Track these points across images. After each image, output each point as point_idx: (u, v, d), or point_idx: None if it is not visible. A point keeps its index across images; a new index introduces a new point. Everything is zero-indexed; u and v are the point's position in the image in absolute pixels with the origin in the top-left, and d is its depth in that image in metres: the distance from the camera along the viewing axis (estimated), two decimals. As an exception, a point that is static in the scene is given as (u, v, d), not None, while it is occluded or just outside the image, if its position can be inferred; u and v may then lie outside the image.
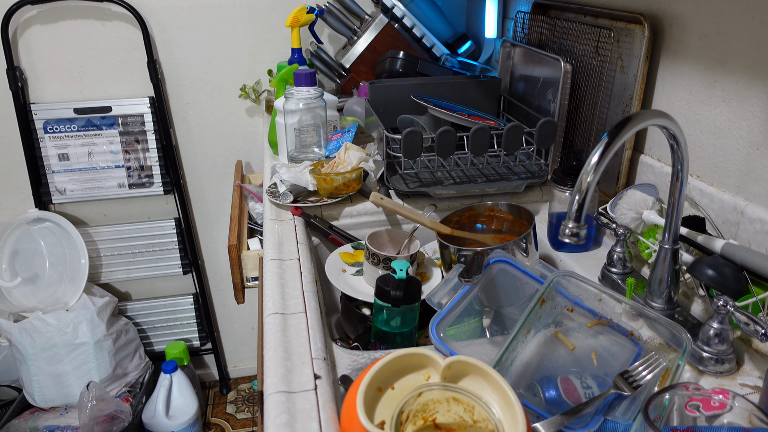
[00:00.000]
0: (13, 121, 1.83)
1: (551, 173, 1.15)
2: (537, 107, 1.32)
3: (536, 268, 0.85)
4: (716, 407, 0.58)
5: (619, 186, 1.11)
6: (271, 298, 0.88)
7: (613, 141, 0.67)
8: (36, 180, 1.90)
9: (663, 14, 1.01)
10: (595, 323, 0.78)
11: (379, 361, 0.62)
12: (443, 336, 0.79)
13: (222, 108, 1.99)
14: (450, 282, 0.87)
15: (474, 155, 1.17)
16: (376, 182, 1.29)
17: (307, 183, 1.20)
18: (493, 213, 1.07)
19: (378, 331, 0.91)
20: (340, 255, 1.12)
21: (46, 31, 1.78)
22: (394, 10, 1.62)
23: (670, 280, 0.83)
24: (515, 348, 0.74)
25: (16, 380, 1.96)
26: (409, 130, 1.12)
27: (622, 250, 0.95)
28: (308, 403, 0.68)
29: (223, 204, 2.13)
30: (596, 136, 1.19)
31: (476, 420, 0.61)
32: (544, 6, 1.42)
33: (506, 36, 1.71)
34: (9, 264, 1.81)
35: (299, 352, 0.77)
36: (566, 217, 0.68)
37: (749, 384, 0.74)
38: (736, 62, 0.85)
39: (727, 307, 0.71)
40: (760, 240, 0.80)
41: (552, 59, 1.22)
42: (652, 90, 1.05)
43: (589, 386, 0.72)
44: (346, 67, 1.70)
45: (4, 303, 1.80)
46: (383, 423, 0.59)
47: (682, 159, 0.75)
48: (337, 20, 1.73)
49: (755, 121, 0.82)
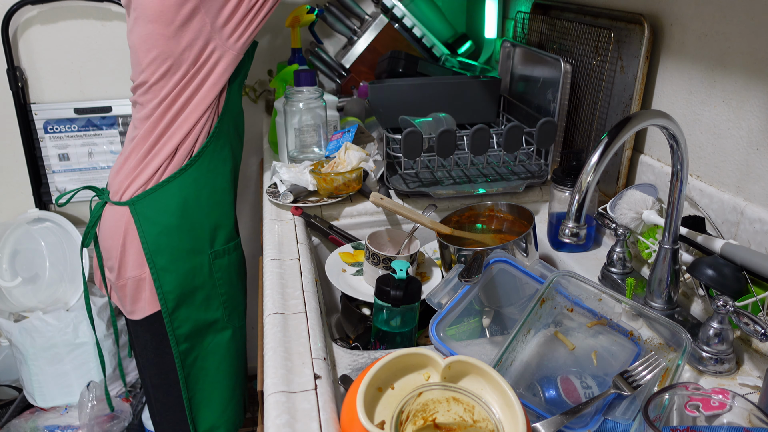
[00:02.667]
0: (14, 121, 1.83)
1: (551, 173, 1.15)
2: (537, 107, 1.32)
3: (536, 268, 0.85)
4: (716, 407, 0.59)
5: (619, 186, 1.11)
6: (271, 298, 0.88)
7: (613, 141, 0.67)
8: (36, 180, 1.90)
9: (663, 14, 1.01)
10: (595, 323, 0.78)
11: (379, 361, 0.62)
12: (443, 336, 0.79)
13: (222, 108, 1.98)
14: (450, 282, 0.87)
15: (474, 155, 1.18)
16: (376, 182, 1.29)
17: (307, 183, 1.20)
18: (493, 213, 1.07)
19: (378, 331, 0.91)
20: (340, 255, 1.12)
21: (47, 31, 1.78)
22: (394, 10, 1.62)
23: (670, 280, 0.83)
24: (515, 348, 0.74)
25: (16, 380, 1.96)
26: (409, 130, 1.12)
27: (622, 250, 0.95)
28: (308, 403, 0.68)
29: (223, 204, 2.13)
30: (596, 136, 1.19)
31: (476, 420, 0.62)
32: (544, 6, 1.42)
33: (506, 36, 1.71)
34: (9, 264, 1.81)
35: (299, 352, 0.77)
36: (566, 217, 0.68)
37: (749, 384, 0.74)
38: (736, 62, 0.85)
39: (726, 307, 0.72)
40: (759, 240, 0.80)
41: (552, 59, 1.22)
42: (652, 90, 1.06)
43: (589, 386, 0.72)
44: (346, 67, 1.70)
45: (5, 303, 1.80)
46: (383, 423, 0.59)
47: (681, 159, 0.75)
48: (337, 20, 1.73)
49: (755, 121, 0.82)
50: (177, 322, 1.28)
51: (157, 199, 1.22)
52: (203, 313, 1.31)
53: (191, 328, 1.30)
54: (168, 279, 1.24)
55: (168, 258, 1.24)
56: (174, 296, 1.26)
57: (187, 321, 1.29)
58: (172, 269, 1.24)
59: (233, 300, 1.36)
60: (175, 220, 1.23)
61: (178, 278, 1.25)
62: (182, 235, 1.24)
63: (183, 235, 1.24)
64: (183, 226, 1.24)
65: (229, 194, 1.33)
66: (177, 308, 1.27)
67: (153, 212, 1.22)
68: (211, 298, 1.31)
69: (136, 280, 1.25)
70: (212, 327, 1.33)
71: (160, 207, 1.22)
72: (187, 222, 1.24)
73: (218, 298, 1.32)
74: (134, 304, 1.28)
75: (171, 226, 1.23)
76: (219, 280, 1.31)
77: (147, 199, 1.21)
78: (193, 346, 1.32)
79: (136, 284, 1.26)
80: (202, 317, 1.31)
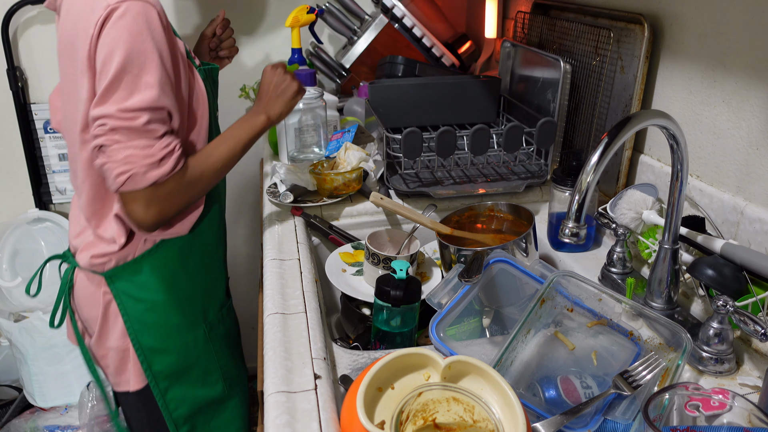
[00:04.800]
0: (14, 121, 1.83)
1: (551, 173, 1.15)
2: (537, 107, 1.32)
3: (536, 268, 0.85)
4: (716, 407, 0.58)
5: (619, 186, 1.11)
6: (271, 298, 0.88)
7: (613, 141, 0.67)
8: (36, 180, 1.90)
9: (663, 14, 1.01)
10: (595, 323, 0.78)
11: (379, 361, 0.62)
12: (443, 336, 0.79)
13: (222, 108, 1.98)
14: (450, 282, 0.87)
15: (474, 155, 1.18)
16: (376, 182, 1.29)
17: (307, 183, 1.20)
18: (493, 213, 1.07)
19: (378, 331, 0.91)
20: (340, 255, 1.12)
21: (47, 31, 1.78)
22: (394, 10, 1.62)
23: (669, 280, 0.83)
24: (515, 348, 0.74)
25: (16, 380, 1.96)
26: (409, 130, 1.12)
27: (622, 250, 0.95)
28: (308, 403, 0.68)
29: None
30: (596, 136, 1.19)
31: (476, 420, 0.62)
32: (544, 6, 1.42)
33: (506, 36, 1.71)
34: (9, 264, 1.81)
35: (299, 352, 0.77)
36: (566, 217, 0.68)
37: (749, 384, 0.74)
38: (736, 62, 0.85)
39: (726, 307, 0.72)
40: (759, 240, 0.80)
41: (552, 59, 1.22)
42: (651, 90, 1.06)
43: (589, 386, 0.72)
44: (346, 67, 1.70)
45: (5, 303, 1.80)
46: (383, 423, 0.59)
47: (681, 159, 0.75)
48: (337, 20, 1.73)
49: (755, 121, 0.82)
50: (173, 404, 1.13)
51: (139, 272, 1.05)
52: (200, 389, 1.16)
53: (190, 408, 1.16)
54: (158, 359, 1.10)
55: (156, 337, 1.08)
56: (165, 376, 1.11)
57: (185, 401, 1.14)
58: (161, 348, 1.09)
59: (233, 369, 1.23)
60: (161, 296, 1.07)
61: (169, 357, 1.10)
62: (171, 311, 1.09)
63: (172, 311, 1.09)
64: (171, 301, 1.08)
65: (217, 251, 1.19)
66: (170, 388, 1.12)
67: (135, 288, 1.06)
68: (208, 372, 1.17)
69: (120, 350, 1.10)
70: (214, 402, 1.20)
71: (143, 282, 1.06)
72: (174, 296, 1.09)
73: (217, 371, 1.18)
74: (119, 375, 1.12)
75: (157, 302, 1.07)
76: (217, 353, 1.17)
77: (126, 272, 1.05)
78: (195, 426, 1.18)
79: (120, 355, 1.10)
80: (201, 394, 1.16)
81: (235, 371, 1.24)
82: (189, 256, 1.10)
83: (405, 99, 1.41)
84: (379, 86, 1.41)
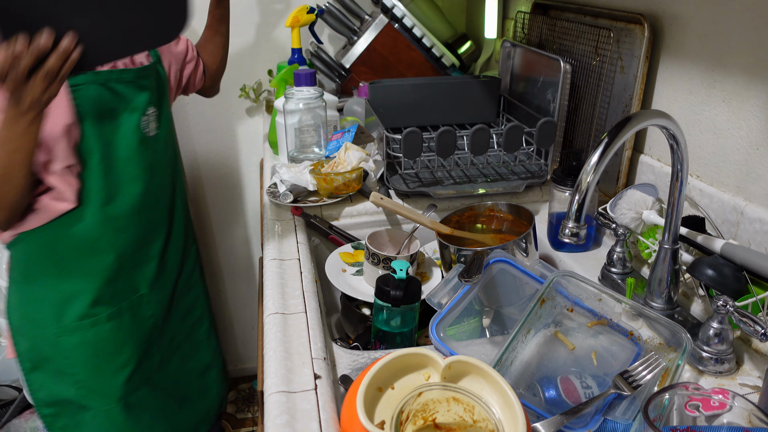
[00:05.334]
0: (13, 121, 1.83)
1: (551, 173, 1.15)
2: (537, 107, 1.32)
3: (536, 268, 0.85)
4: (716, 407, 0.58)
5: (619, 186, 1.11)
6: (271, 298, 0.88)
7: (613, 141, 0.67)
8: (36, 180, 1.89)
9: (663, 14, 1.01)
10: (595, 323, 0.78)
11: (379, 361, 0.62)
12: (443, 336, 0.79)
13: (222, 108, 1.99)
14: (450, 282, 0.87)
15: (474, 155, 1.18)
16: (376, 182, 1.29)
17: (307, 183, 1.20)
18: (493, 213, 1.07)
19: (378, 331, 0.91)
20: (340, 255, 1.12)
21: None
22: (394, 10, 1.62)
23: (669, 280, 0.83)
24: (515, 348, 0.74)
25: (16, 380, 1.96)
26: (409, 130, 1.12)
27: (622, 250, 0.95)
28: (308, 403, 0.68)
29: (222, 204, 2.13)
30: (596, 136, 1.19)
31: (476, 420, 0.62)
32: (544, 6, 1.42)
33: (506, 36, 1.71)
34: (9, 264, 1.81)
35: (299, 352, 0.77)
36: (566, 217, 0.68)
37: (749, 384, 0.74)
38: (736, 62, 0.85)
39: (726, 307, 0.72)
40: (759, 240, 0.80)
41: (552, 59, 1.22)
42: (651, 90, 1.06)
43: (589, 386, 0.72)
44: (346, 67, 1.70)
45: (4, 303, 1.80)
46: (383, 423, 0.59)
47: (681, 159, 0.75)
48: (337, 20, 1.73)
49: (755, 121, 0.82)
50: (35, 385, 1.15)
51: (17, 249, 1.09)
52: (56, 385, 1.15)
53: (49, 396, 1.16)
54: (19, 340, 1.13)
55: (18, 319, 1.12)
56: (26, 358, 1.14)
57: (43, 388, 1.15)
58: (22, 331, 1.12)
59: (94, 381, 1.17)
60: (19, 286, 1.10)
61: (27, 342, 1.13)
62: (26, 302, 1.10)
63: (27, 301, 1.10)
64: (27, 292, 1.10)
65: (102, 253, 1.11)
66: (32, 370, 1.15)
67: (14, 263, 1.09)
68: (61, 373, 1.15)
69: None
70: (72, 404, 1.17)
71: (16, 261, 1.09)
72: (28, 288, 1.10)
73: (71, 377, 1.15)
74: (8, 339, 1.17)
75: (17, 289, 1.10)
76: (69, 359, 1.14)
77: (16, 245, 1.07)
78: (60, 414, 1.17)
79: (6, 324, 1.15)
80: (57, 390, 1.15)
81: (96, 384, 1.17)
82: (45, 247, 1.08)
83: (405, 99, 1.41)
84: (379, 86, 1.41)
